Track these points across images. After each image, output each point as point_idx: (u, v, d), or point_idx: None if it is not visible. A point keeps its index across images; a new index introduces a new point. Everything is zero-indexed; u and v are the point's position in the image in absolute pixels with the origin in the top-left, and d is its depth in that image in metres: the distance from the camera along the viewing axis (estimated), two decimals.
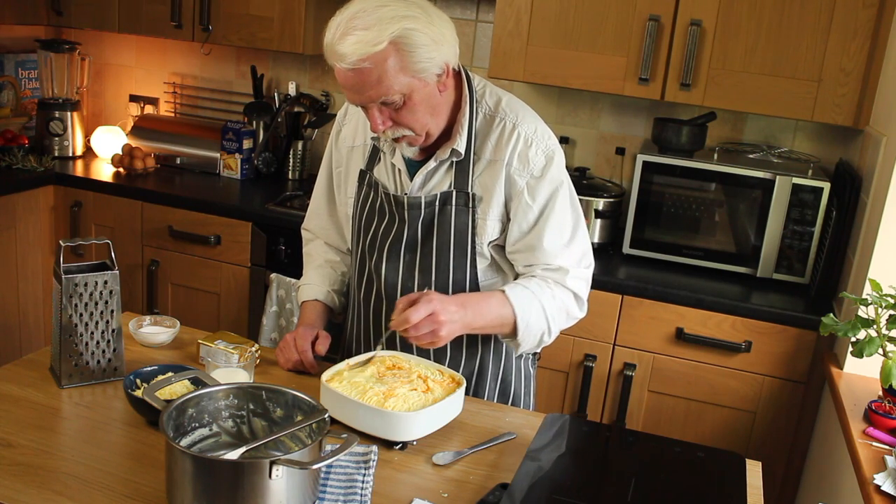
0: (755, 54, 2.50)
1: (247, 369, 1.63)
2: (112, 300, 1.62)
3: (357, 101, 1.53)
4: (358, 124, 1.77)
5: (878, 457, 1.75)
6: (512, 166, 1.63)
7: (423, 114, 1.55)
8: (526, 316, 1.61)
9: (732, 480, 1.41)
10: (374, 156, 1.73)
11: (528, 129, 1.64)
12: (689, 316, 2.48)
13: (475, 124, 1.64)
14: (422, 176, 1.67)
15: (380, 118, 1.53)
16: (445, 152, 1.63)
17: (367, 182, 1.74)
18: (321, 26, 3.08)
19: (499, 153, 1.63)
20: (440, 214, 1.66)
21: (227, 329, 2.48)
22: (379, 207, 1.72)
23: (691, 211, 2.64)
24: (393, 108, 1.52)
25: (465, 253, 1.67)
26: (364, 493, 1.32)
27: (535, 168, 1.63)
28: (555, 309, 1.65)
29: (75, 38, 3.55)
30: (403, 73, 1.47)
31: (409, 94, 1.50)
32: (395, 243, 1.70)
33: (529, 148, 1.63)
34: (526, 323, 1.62)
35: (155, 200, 3.03)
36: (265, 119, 3.33)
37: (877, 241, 2.18)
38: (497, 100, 1.67)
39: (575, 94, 3.03)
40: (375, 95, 1.48)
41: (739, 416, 2.50)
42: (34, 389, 1.58)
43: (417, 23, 1.45)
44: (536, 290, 1.63)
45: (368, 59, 1.43)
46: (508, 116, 1.65)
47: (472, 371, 1.78)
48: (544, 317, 1.64)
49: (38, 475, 1.32)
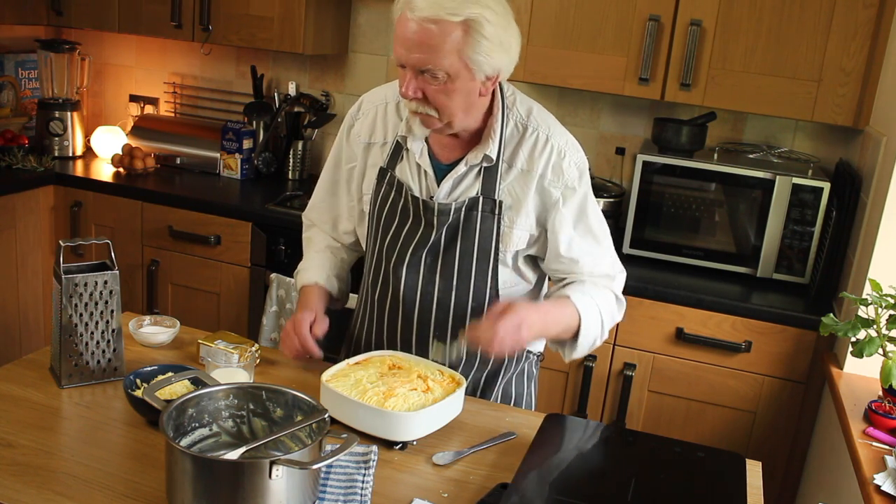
0: (755, 54, 2.50)
1: (247, 369, 1.63)
2: (112, 300, 1.62)
3: (403, 58, 1.50)
4: (376, 120, 1.73)
5: (878, 457, 1.75)
6: (546, 178, 1.63)
7: (457, 104, 1.54)
8: (588, 325, 1.64)
9: (732, 480, 1.41)
10: (396, 154, 1.70)
11: (561, 142, 1.65)
12: (689, 316, 2.48)
13: (505, 132, 1.64)
14: (450, 181, 1.65)
15: (413, 84, 1.51)
16: (477, 157, 1.62)
17: (387, 181, 1.70)
18: (321, 26, 3.12)
19: (532, 164, 1.63)
20: (465, 220, 1.64)
21: (227, 329, 2.48)
22: (402, 208, 1.69)
23: (691, 211, 2.64)
24: (431, 82, 1.50)
25: (487, 259, 1.66)
26: (364, 493, 1.32)
27: (570, 180, 1.64)
28: (608, 316, 1.69)
29: (75, 38, 3.55)
30: (459, 56, 1.47)
31: (452, 77, 1.49)
32: (419, 247, 1.67)
33: (563, 160, 1.64)
34: (586, 332, 1.64)
35: (155, 200, 3.03)
36: (265, 119, 3.33)
37: (877, 241, 2.18)
38: (528, 109, 1.67)
39: (575, 94, 3.03)
40: (423, 61, 1.47)
41: (739, 416, 2.50)
42: (34, 389, 1.58)
43: (496, 19, 1.47)
44: (598, 299, 1.67)
45: (438, 22, 1.43)
46: (541, 128, 1.65)
47: (484, 372, 1.78)
48: (600, 324, 1.67)
49: (38, 475, 1.32)
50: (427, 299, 1.69)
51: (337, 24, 3.22)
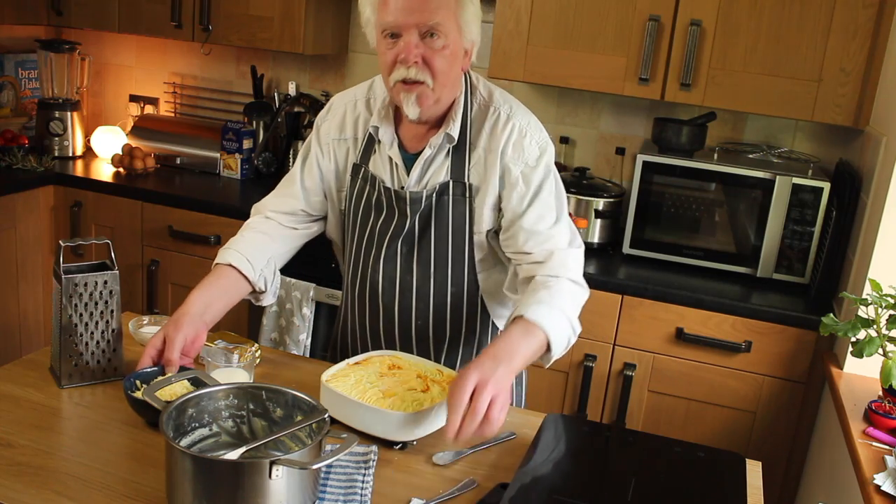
0: (755, 54, 2.50)
1: (247, 369, 1.63)
2: (112, 300, 1.62)
3: (402, 20, 1.52)
4: (346, 117, 1.74)
5: (878, 457, 1.75)
6: (507, 155, 1.65)
7: (450, 70, 1.58)
8: (555, 330, 1.55)
9: (732, 480, 1.41)
10: (368, 149, 1.72)
11: (522, 121, 1.67)
12: (689, 316, 2.48)
13: (470, 113, 1.66)
14: (419, 167, 1.67)
15: (416, 46, 1.52)
16: (439, 137, 1.64)
17: (361, 176, 1.73)
18: (321, 26, 3.12)
19: (493, 142, 1.65)
20: (437, 206, 1.66)
21: (227, 329, 2.47)
22: (376, 202, 1.71)
23: (691, 211, 2.64)
24: (431, 45, 1.53)
25: (462, 243, 1.68)
26: (364, 493, 1.32)
27: (531, 158, 1.65)
28: (571, 309, 1.61)
29: (75, 38, 3.55)
30: (454, 19, 1.54)
31: (448, 42, 1.55)
32: (394, 238, 1.70)
33: (524, 138, 1.65)
34: (557, 337, 1.56)
35: (155, 200, 3.03)
36: (265, 119, 3.33)
37: (877, 241, 2.18)
38: (490, 91, 1.70)
39: (575, 94, 3.03)
40: (428, 19, 1.51)
41: (739, 416, 2.50)
42: (34, 389, 1.58)
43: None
44: (549, 299, 1.57)
45: None
46: (503, 107, 1.67)
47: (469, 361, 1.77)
48: (568, 323, 1.58)
49: (38, 475, 1.32)
50: (406, 289, 1.71)
51: (337, 24, 3.22)
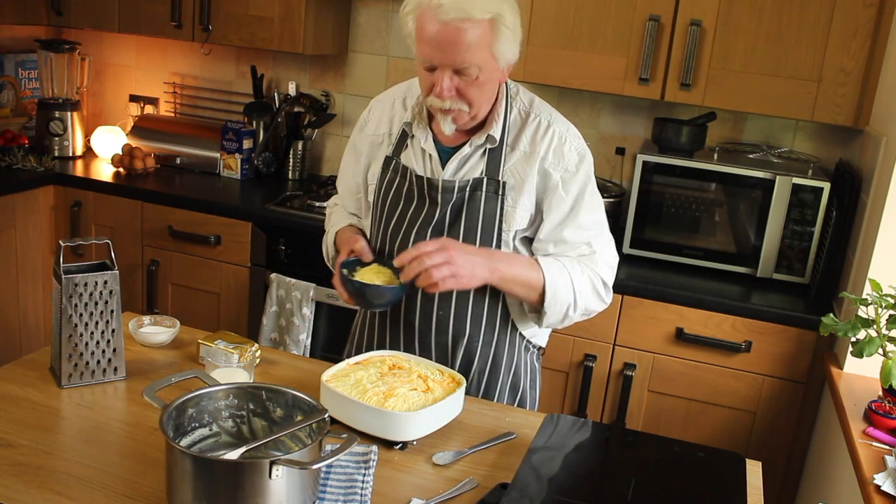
0: (755, 54, 2.50)
1: (247, 369, 1.63)
2: (112, 300, 1.62)
3: (436, 60, 1.56)
4: (382, 115, 1.82)
5: (878, 457, 1.75)
6: (547, 160, 1.68)
7: (486, 95, 1.63)
8: (554, 282, 1.65)
9: (732, 480, 1.41)
10: (401, 143, 1.77)
11: (562, 128, 1.71)
12: (689, 316, 2.48)
13: (510, 118, 1.70)
14: (456, 161, 1.70)
15: (448, 84, 1.57)
16: (481, 138, 1.69)
17: (392, 167, 1.76)
18: (321, 26, 3.12)
19: (534, 146, 1.69)
20: (470, 200, 1.69)
21: (227, 329, 2.48)
22: (406, 191, 1.74)
23: (691, 211, 2.64)
24: (465, 79, 1.57)
25: (490, 239, 1.70)
26: (364, 493, 1.32)
27: (570, 164, 1.69)
28: (583, 284, 1.69)
29: (75, 38, 3.55)
30: (487, 50, 1.56)
31: (482, 71, 1.57)
32: (423, 226, 1.72)
33: (564, 144, 1.69)
34: (554, 290, 1.65)
35: (155, 200, 3.03)
36: (265, 119, 3.33)
37: (877, 241, 2.18)
38: (530, 98, 1.75)
39: (575, 94, 3.03)
40: (460, 60, 1.54)
41: (739, 416, 2.50)
42: (34, 389, 1.58)
43: (511, 13, 1.57)
44: (567, 263, 1.69)
45: (469, 22, 1.51)
46: (543, 114, 1.72)
47: (487, 362, 1.78)
48: (572, 289, 1.67)
49: (38, 475, 1.32)
50: None
51: (337, 24, 3.22)
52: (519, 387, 1.84)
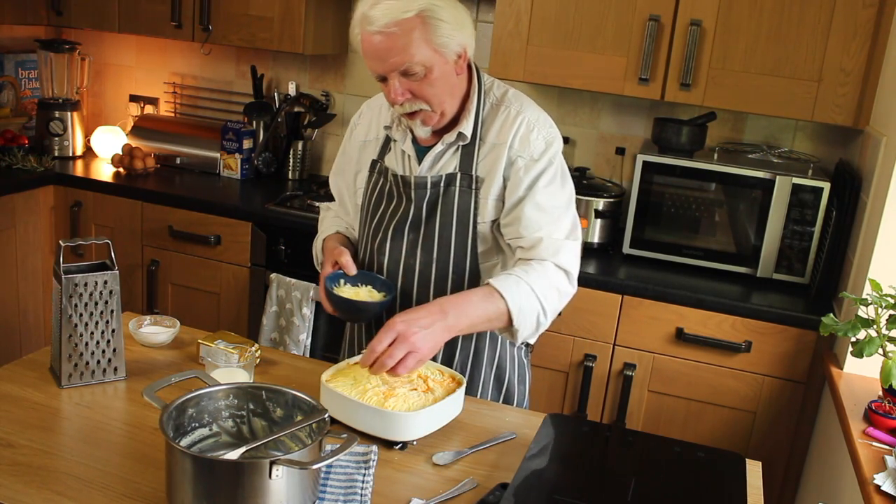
0: (755, 54, 2.50)
1: (247, 369, 1.64)
2: (112, 300, 1.62)
3: (380, 69, 1.59)
4: (371, 121, 1.85)
5: (878, 457, 1.75)
6: (513, 148, 1.69)
7: (441, 90, 1.63)
8: (517, 300, 1.60)
9: (732, 480, 1.41)
10: (385, 146, 1.80)
11: (532, 116, 1.71)
12: (689, 316, 2.48)
13: (482, 112, 1.72)
14: (430, 159, 1.72)
15: (399, 88, 1.60)
16: (452, 136, 1.70)
17: (377, 170, 1.80)
18: (321, 26, 3.11)
19: (502, 136, 1.70)
20: (444, 195, 1.71)
21: (227, 329, 2.48)
22: (388, 192, 1.77)
23: (691, 211, 2.64)
24: (414, 79, 1.59)
25: (466, 232, 1.71)
26: (364, 493, 1.32)
27: (535, 151, 1.69)
28: (544, 287, 1.64)
29: (75, 38, 3.55)
30: (427, 45, 1.56)
31: (429, 68, 1.58)
32: (401, 223, 1.74)
33: (531, 132, 1.69)
34: (518, 307, 1.60)
35: (155, 200, 3.03)
36: (265, 119, 3.33)
37: (877, 241, 2.18)
38: (504, 91, 1.75)
39: (575, 94, 3.03)
40: (399, 62, 1.56)
41: (739, 416, 2.50)
42: (34, 389, 1.58)
43: (444, 2, 1.57)
44: (521, 274, 1.64)
45: (396, 24, 1.53)
46: (513, 104, 1.72)
47: (468, 355, 1.78)
48: (535, 297, 1.63)
49: (38, 475, 1.32)
50: (409, 272, 1.75)
51: (337, 24, 3.22)
52: (504, 380, 1.84)
